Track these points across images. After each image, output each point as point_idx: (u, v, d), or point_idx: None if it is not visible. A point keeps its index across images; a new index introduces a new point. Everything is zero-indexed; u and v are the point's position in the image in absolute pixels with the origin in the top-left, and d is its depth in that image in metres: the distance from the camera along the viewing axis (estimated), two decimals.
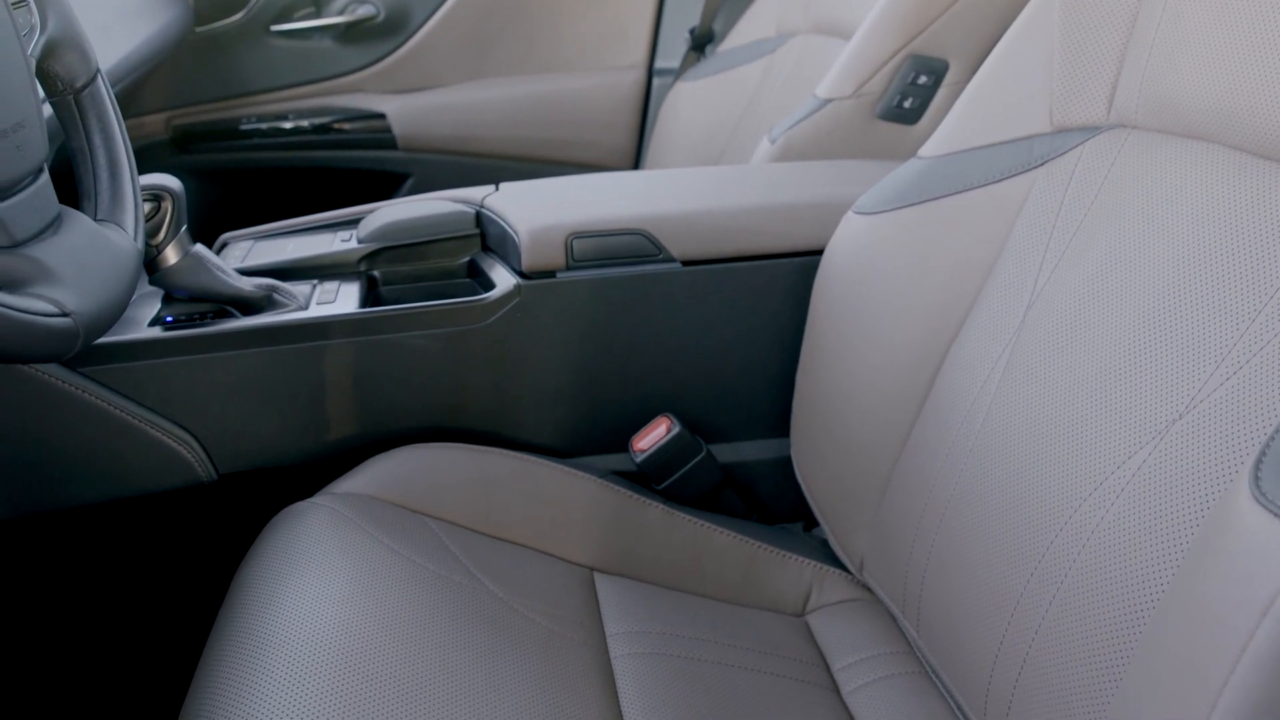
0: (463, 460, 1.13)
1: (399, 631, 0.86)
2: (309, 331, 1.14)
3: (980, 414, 0.94)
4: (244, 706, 0.77)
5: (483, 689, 0.84)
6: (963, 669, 0.91)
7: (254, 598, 0.90)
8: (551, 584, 1.04)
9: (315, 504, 1.03)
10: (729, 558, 1.16)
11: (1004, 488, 0.88)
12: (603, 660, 0.97)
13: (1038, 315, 0.92)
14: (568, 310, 1.19)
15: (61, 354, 0.76)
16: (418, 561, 0.97)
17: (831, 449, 1.13)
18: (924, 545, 0.98)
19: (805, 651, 1.09)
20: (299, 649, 0.81)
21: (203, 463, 1.16)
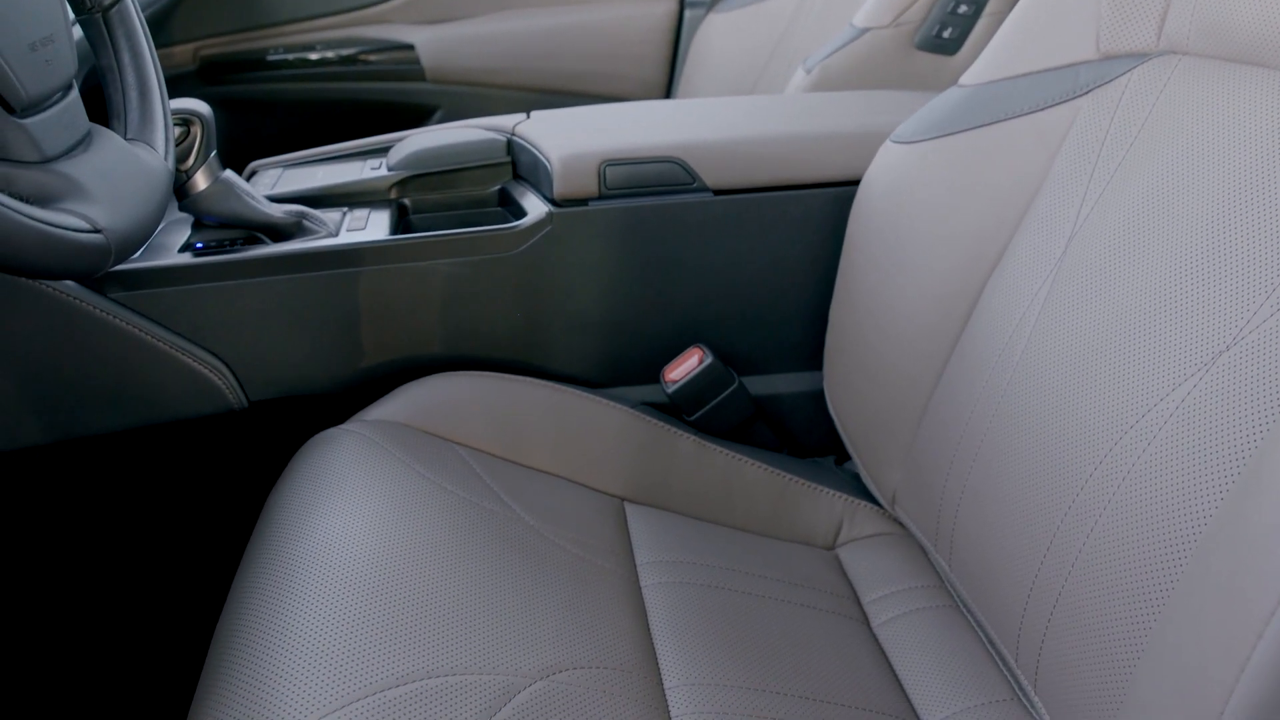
0: (493, 389, 1.12)
1: (431, 555, 0.86)
2: (339, 258, 1.13)
3: (1019, 345, 0.92)
4: (277, 627, 0.77)
5: (515, 613, 0.84)
6: (995, 603, 0.91)
7: (286, 523, 0.90)
8: (582, 513, 1.04)
9: (346, 430, 1.03)
10: (760, 490, 1.16)
11: (1042, 420, 0.86)
12: (633, 588, 0.97)
13: (1080, 246, 0.90)
14: (599, 239, 1.17)
15: (93, 270, 0.75)
16: (448, 488, 0.96)
17: (865, 382, 1.12)
18: (958, 478, 0.97)
19: (835, 584, 1.08)
20: (331, 571, 0.81)
21: (234, 390, 1.16)
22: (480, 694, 0.74)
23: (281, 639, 0.75)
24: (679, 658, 0.90)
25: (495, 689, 0.75)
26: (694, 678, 0.88)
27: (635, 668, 0.86)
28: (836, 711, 0.89)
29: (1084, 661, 0.77)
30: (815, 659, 0.95)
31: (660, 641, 0.91)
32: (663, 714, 0.83)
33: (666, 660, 0.89)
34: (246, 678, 0.74)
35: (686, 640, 0.92)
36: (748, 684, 0.88)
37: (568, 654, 0.82)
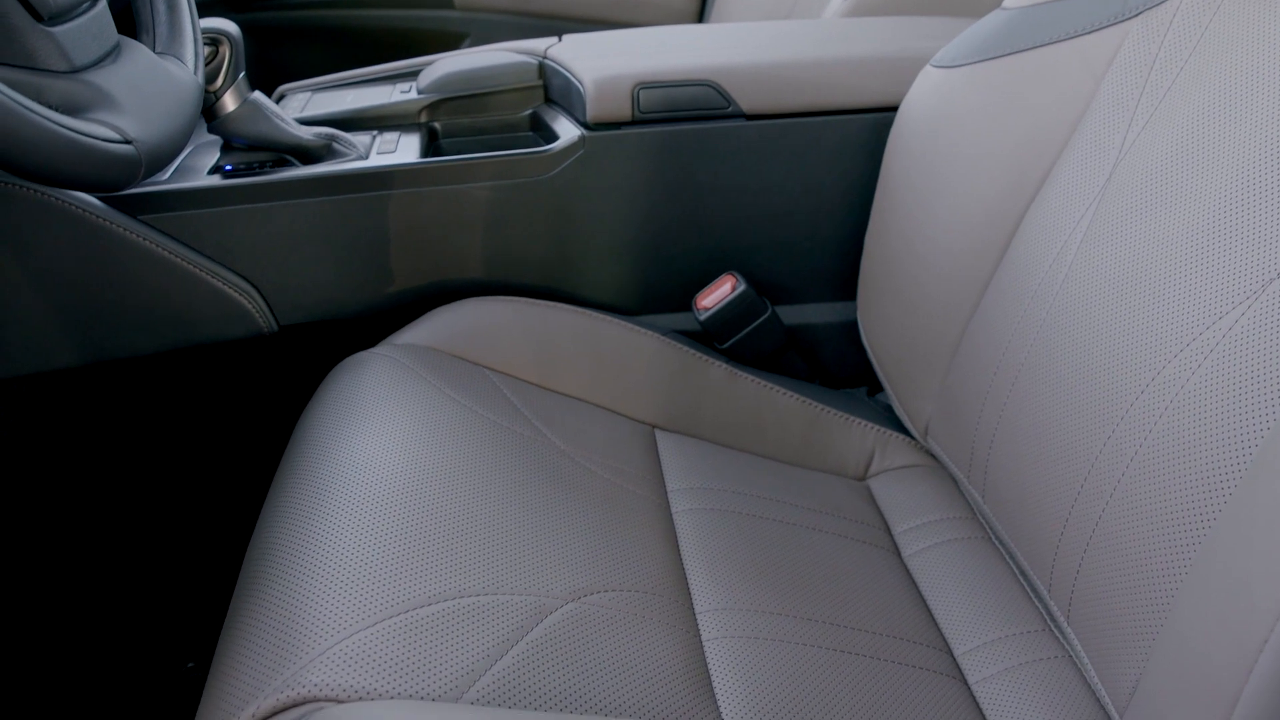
0: (524, 314, 1.11)
1: (461, 477, 0.86)
2: (369, 181, 1.12)
3: (1060, 273, 0.90)
4: (308, 546, 0.77)
5: (546, 535, 0.84)
6: (1029, 533, 0.90)
7: (316, 444, 0.90)
8: (613, 439, 1.04)
9: (376, 354, 1.03)
10: (791, 419, 1.15)
11: (1083, 349, 0.85)
12: (664, 514, 0.96)
13: (1125, 172, 0.88)
14: (632, 164, 1.16)
15: (123, 182, 0.74)
16: (479, 412, 0.96)
17: (900, 311, 1.10)
18: (994, 409, 0.96)
19: (866, 514, 1.08)
20: (362, 491, 0.81)
21: (263, 313, 1.15)
22: (512, 614, 0.74)
23: (313, 558, 0.76)
24: (709, 582, 0.89)
25: (527, 609, 0.75)
26: (724, 602, 0.87)
27: (666, 591, 0.86)
28: (866, 638, 0.89)
29: (1121, 591, 0.77)
30: (846, 587, 0.94)
31: (691, 566, 0.91)
32: (694, 637, 0.83)
33: (697, 585, 0.89)
34: (278, 596, 0.74)
35: (717, 565, 0.91)
36: (779, 609, 0.88)
37: (599, 577, 0.82)
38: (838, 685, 0.82)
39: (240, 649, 0.71)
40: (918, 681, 0.86)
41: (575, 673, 0.72)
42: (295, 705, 0.65)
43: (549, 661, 0.72)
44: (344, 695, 0.65)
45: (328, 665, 0.66)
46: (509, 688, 0.69)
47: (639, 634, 0.79)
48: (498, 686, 0.69)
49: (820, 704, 0.80)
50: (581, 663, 0.73)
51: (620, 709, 0.72)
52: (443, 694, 0.67)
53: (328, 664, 0.66)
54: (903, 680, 0.85)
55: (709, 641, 0.83)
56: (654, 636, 0.80)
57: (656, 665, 0.77)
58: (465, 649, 0.70)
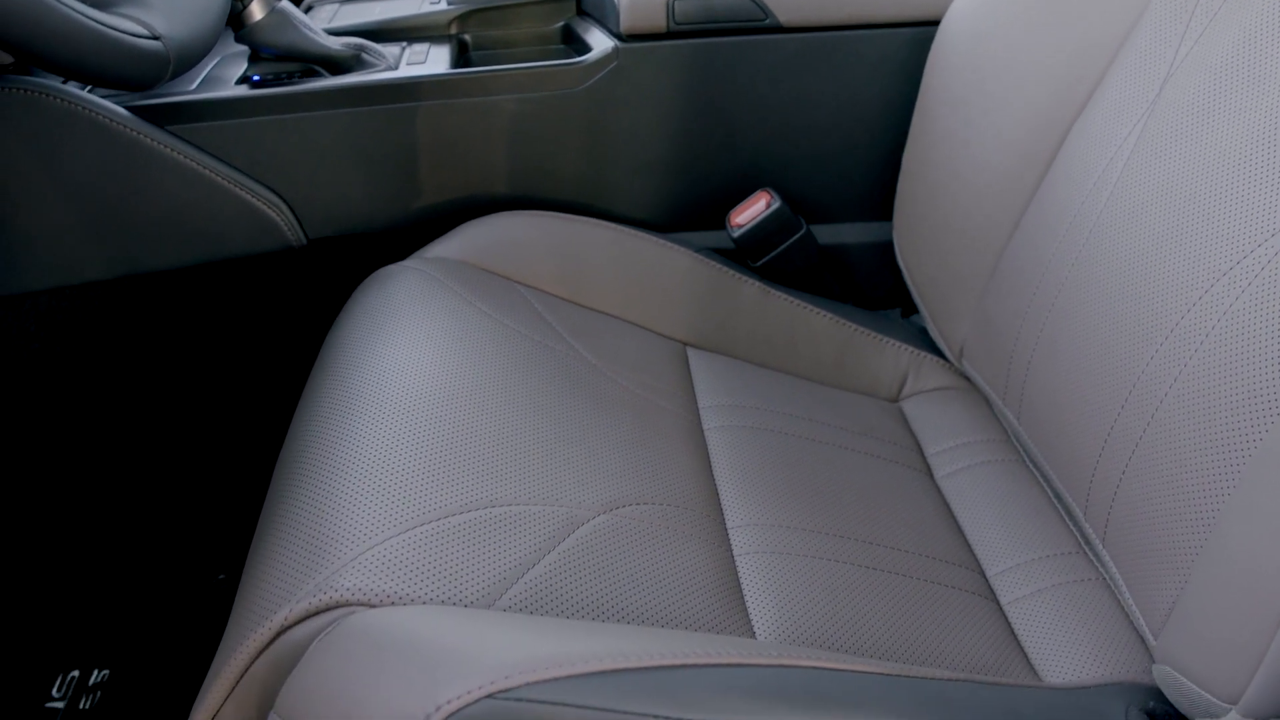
0: (555, 229, 1.10)
1: (493, 388, 0.85)
2: (399, 92, 1.10)
3: (1105, 190, 0.88)
4: (340, 453, 0.77)
5: (578, 448, 0.83)
6: (1066, 455, 0.89)
7: (347, 354, 0.90)
8: (644, 355, 1.03)
9: (406, 267, 1.02)
10: (824, 339, 1.13)
11: (1127, 267, 0.83)
12: (696, 430, 0.96)
13: (1176, 86, 0.85)
14: (667, 77, 1.13)
15: (151, 78, 0.73)
16: (510, 325, 0.95)
17: (937, 230, 1.08)
18: (1032, 329, 0.94)
19: (899, 435, 1.07)
20: (394, 399, 0.81)
21: (292, 227, 1.14)
22: (544, 524, 0.74)
23: (344, 465, 0.75)
24: (741, 498, 0.89)
25: (559, 520, 0.75)
26: (756, 518, 0.87)
27: (698, 506, 0.85)
28: (898, 556, 0.88)
29: (1160, 512, 0.75)
30: (878, 506, 0.93)
31: (722, 482, 0.90)
32: (725, 551, 0.82)
33: (729, 500, 0.88)
34: (309, 503, 0.74)
35: (749, 482, 0.91)
36: (811, 526, 0.88)
37: (631, 490, 0.82)
38: (869, 601, 0.82)
39: (272, 555, 0.71)
40: (950, 600, 0.85)
41: (607, 582, 0.72)
42: (328, 609, 0.65)
43: (581, 571, 0.72)
44: (377, 600, 0.65)
45: (360, 570, 0.66)
46: (541, 596, 0.69)
47: (671, 546, 0.78)
48: (530, 594, 0.69)
49: (852, 619, 0.80)
50: (614, 573, 0.73)
51: (653, 619, 0.72)
52: (475, 600, 0.67)
53: (360, 569, 0.66)
54: (935, 598, 0.85)
55: (740, 556, 0.83)
56: (686, 549, 0.79)
57: (688, 577, 0.77)
58: (497, 557, 0.70)
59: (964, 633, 0.83)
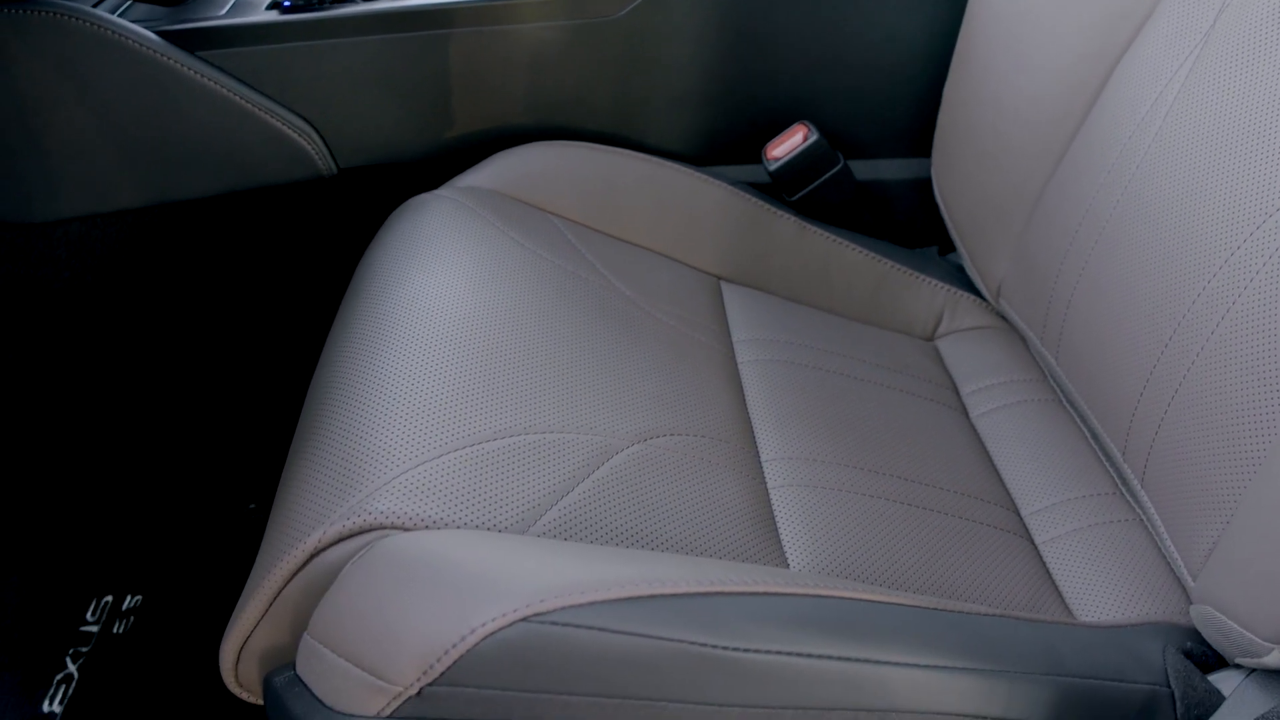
0: (590, 160, 1.08)
1: (526, 317, 0.84)
2: (432, 18, 1.09)
3: (1154, 125, 0.86)
4: (373, 378, 0.76)
5: (612, 378, 0.82)
6: (1105, 395, 0.87)
7: (379, 282, 0.89)
8: (678, 288, 1.01)
9: (438, 195, 1.01)
10: (860, 275, 1.12)
11: (1175, 203, 0.81)
12: (730, 364, 0.95)
13: (1231, 18, 0.82)
14: (705, 5, 1.11)
15: None
16: (543, 255, 0.94)
17: (977, 166, 1.06)
18: (1073, 268, 0.92)
19: (934, 373, 1.06)
20: (427, 325, 0.80)
21: (323, 155, 1.13)
22: (578, 452, 0.73)
23: (377, 391, 0.75)
24: (775, 432, 0.88)
25: (593, 448, 0.74)
26: (791, 452, 0.86)
27: (732, 438, 0.84)
28: (933, 493, 0.87)
29: (1203, 452, 0.74)
30: (913, 442, 0.92)
31: (756, 415, 0.90)
32: (759, 484, 0.82)
33: (763, 433, 0.88)
34: (342, 428, 0.73)
35: (784, 415, 0.90)
36: (845, 461, 0.87)
37: (665, 420, 0.81)
38: (904, 536, 0.81)
39: (305, 479, 0.71)
40: (984, 537, 0.85)
41: (641, 511, 0.72)
42: (361, 532, 0.65)
43: (615, 499, 0.72)
44: (410, 524, 0.65)
45: (393, 494, 0.66)
46: (575, 522, 0.69)
47: (705, 477, 0.78)
48: (564, 521, 0.69)
49: (886, 553, 0.79)
50: (648, 501, 0.73)
51: (687, 547, 0.71)
52: (509, 526, 0.67)
53: (393, 493, 0.66)
54: (969, 535, 0.84)
55: (774, 489, 0.82)
56: (720, 481, 0.79)
57: (722, 508, 0.76)
58: (531, 484, 0.70)
59: (998, 570, 0.82)
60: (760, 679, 0.59)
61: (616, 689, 0.57)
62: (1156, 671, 0.69)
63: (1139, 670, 0.69)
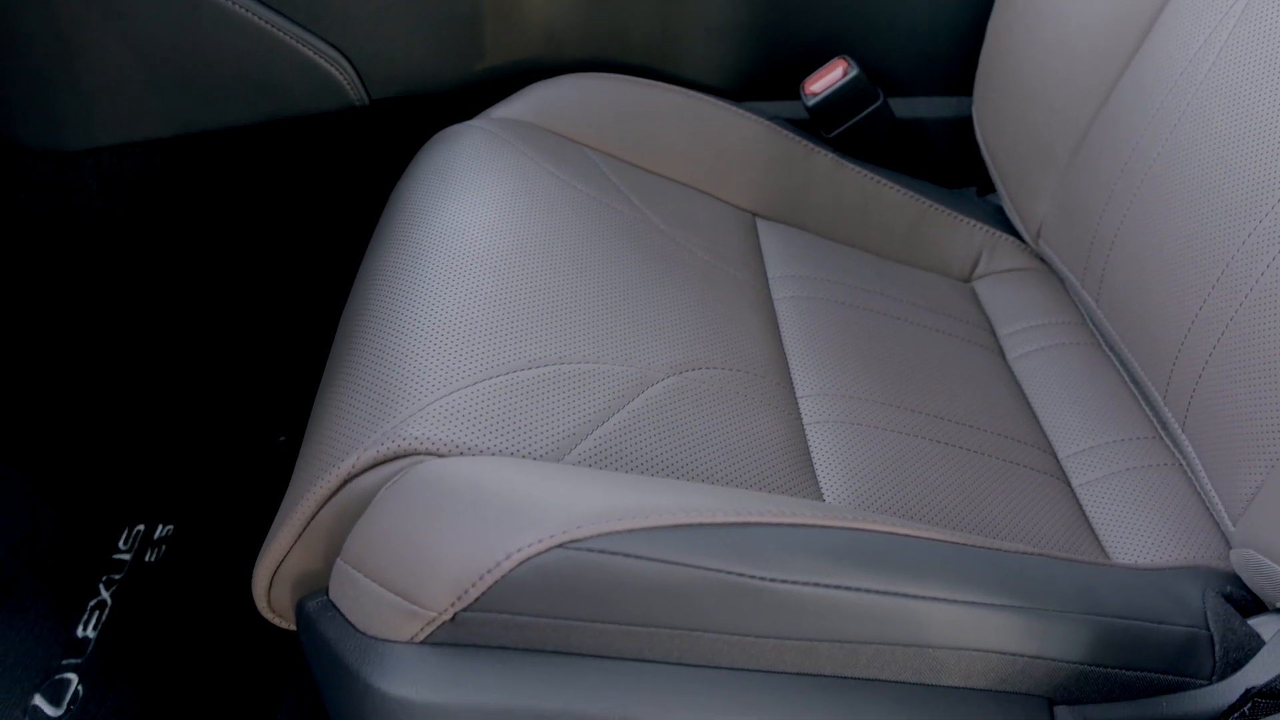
0: (625, 92, 1.06)
1: (561, 248, 0.83)
2: None
3: (1206, 61, 0.83)
4: (406, 305, 0.75)
5: (647, 310, 0.81)
6: (1147, 338, 0.86)
7: (412, 211, 0.88)
8: (713, 223, 1.00)
9: (472, 126, 0.99)
10: (897, 214, 1.10)
11: (1225, 143, 0.79)
12: (765, 300, 0.93)
13: None
14: None
15: None
16: (578, 187, 0.93)
17: (1020, 105, 1.04)
18: (1118, 207, 0.90)
19: (971, 314, 1.04)
20: (461, 254, 0.79)
21: (355, 86, 1.12)
22: (613, 383, 0.73)
23: (410, 318, 0.74)
24: (811, 368, 0.87)
25: (628, 380, 0.74)
26: (827, 388, 0.85)
27: (768, 373, 0.83)
28: (969, 433, 0.86)
29: (1248, 396, 0.73)
30: (949, 382, 0.91)
31: (792, 351, 0.89)
32: (795, 419, 0.81)
33: (798, 369, 0.87)
34: (375, 355, 0.73)
35: (819, 352, 0.89)
36: (881, 398, 0.86)
37: (701, 354, 0.80)
38: (939, 474, 0.80)
39: (338, 405, 0.70)
40: (1021, 478, 0.84)
41: (677, 442, 0.71)
42: (395, 458, 0.64)
43: (651, 430, 0.71)
44: (444, 450, 0.64)
45: (428, 420, 0.65)
46: (610, 452, 0.68)
47: (740, 411, 0.77)
48: (599, 450, 0.68)
49: (921, 490, 0.78)
50: (683, 433, 0.72)
51: (723, 479, 0.71)
52: (544, 454, 0.66)
53: (428, 419, 0.65)
54: (1005, 475, 0.83)
55: (810, 425, 0.81)
56: (755, 415, 0.78)
57: (758, 442, 0.75)
58: (566, 413, 0.69)
59: (1034, 511, 0.81)
60: (796, 611, 0.58)
61: (651, 618, 0.57)
62: (1195, 614, 0.68)
63: (1178, 612, 0.68)
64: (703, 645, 0.59)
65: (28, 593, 1.09)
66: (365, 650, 0.59)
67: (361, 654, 0.59)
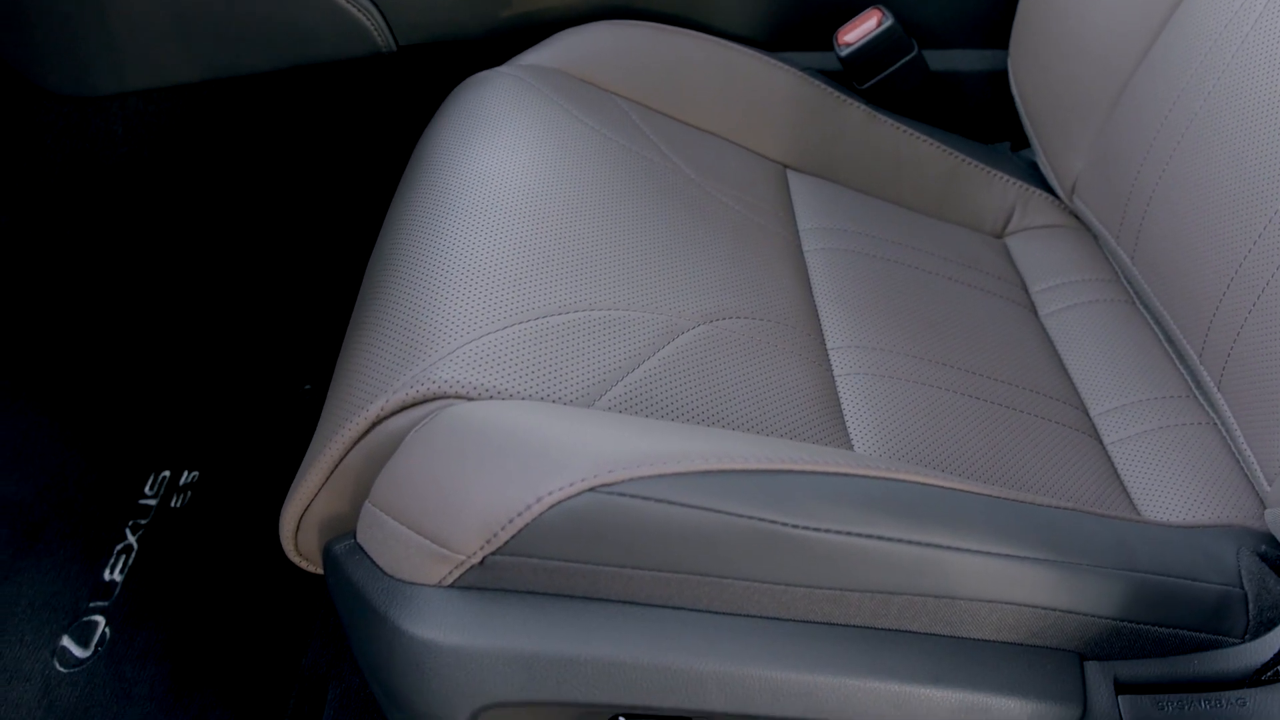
0: (656, 41, 1.05)
1: (591, 195, 0.82)
2: None
3: (1254, 11, 0.81)
4: (435, 249, 0.74)
5: (677, 259, 0.80)
6: (1183, 296, 0.84)
7: (441, 156, 0.86)
8: (744, 173, 0.99)
9: (501, 73, 0.98)
10: (930, 168, 1.08)
11: (1270, 96, 0.77)
12: (796, 251, 0.92)
13: None
14: None
15: None
16: (608, 135, 0.91)
17: (1057, 58, 1.02)
18: (1156, 162, 0.88)
19: (1003, 269, 1.03)
20: (491, 199, 0.78)
21: (382, 32, 1.11)
22: (644, 330, 0.72)
23: (439, 262, 0.73)
24: (842, 320, 0.86)
25: (658, 327, 0.73)
26: (857, 340, 0.84)
27: (798, 324, 0.82)
28: (1000, 388, 0.85)
29: None
30: (980, 337, 0.90)
31: (823, 303, 0.88)
32: (825, 370, 0.80)
33: (829, 321, 0.86)
34: (404, 299, 0.72)
35: (850, 305, 0.88)
36: (912, 352, 0.85)
37: (731, 303, 0.79)
38: (970, 428, 0.79)
39: (367, 348, 0.70)
40: (1052, 434, 0.83)
41: (708, 390, 0.70)
42: (425, 401, 0.64)
43: (682, 378, 0.70)
44: (474, 393, 0.63)
45: (457, 364, 0.65)
46: (641, 399, 0.68)
47: (771, 361, 0.76)
48: (629, 397, 0.67)
49: (952, 444, 0.78)
50: (714, 381, 0.71)
51: (753, 428, 0.70)
52: (574, 400, 0.65)
53: (457, 362, 0.65)
54: (1037, 431, 0.82)
55: (841, 376, 0.80)
56: (786, 365, 0.77)
57: (788, 392, 0.74)
58: (597, 359, 0.68)
59: (1066, 467, 0.80)
60: (827, 559, 0.58)
61: (681, 564, 0.57)
62: (1230, 572, 0.68)
63: (1212, 570, 0.67)
64: (732, 593, 0.58)
65: (55, 537, 1.10)
66: (393, 593, 0.59)
67: (389, 597, 0.59)
